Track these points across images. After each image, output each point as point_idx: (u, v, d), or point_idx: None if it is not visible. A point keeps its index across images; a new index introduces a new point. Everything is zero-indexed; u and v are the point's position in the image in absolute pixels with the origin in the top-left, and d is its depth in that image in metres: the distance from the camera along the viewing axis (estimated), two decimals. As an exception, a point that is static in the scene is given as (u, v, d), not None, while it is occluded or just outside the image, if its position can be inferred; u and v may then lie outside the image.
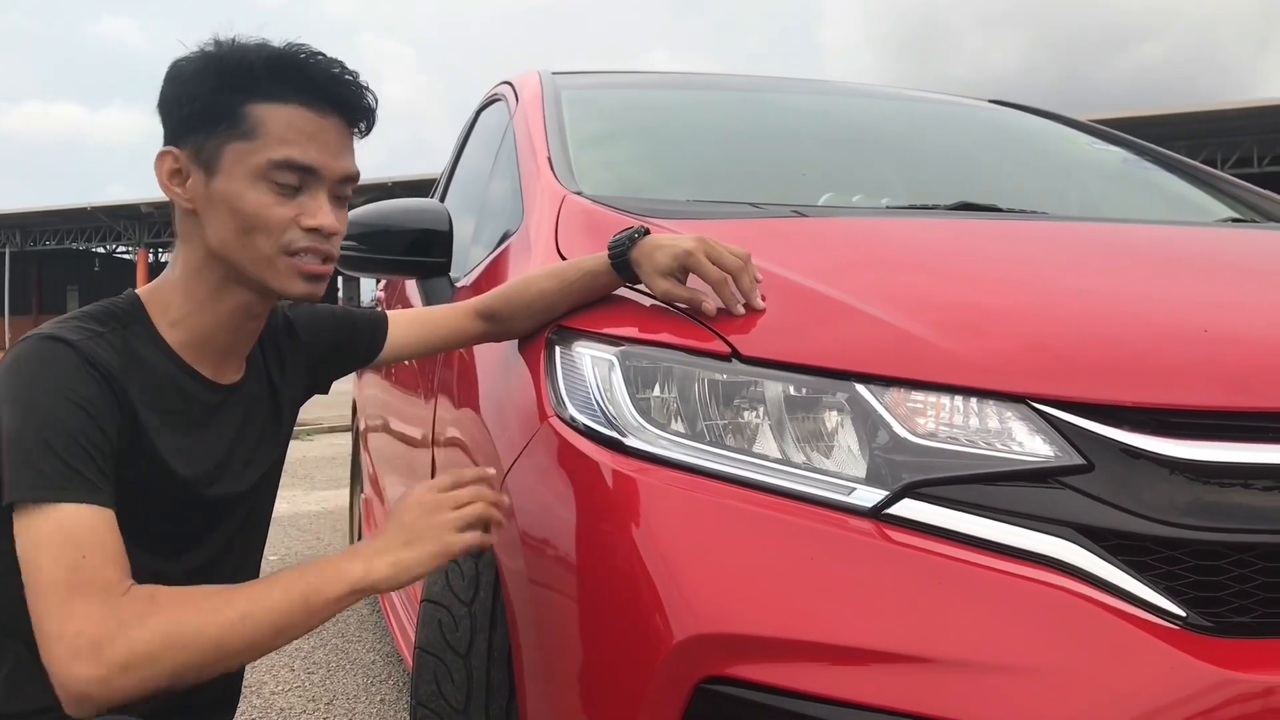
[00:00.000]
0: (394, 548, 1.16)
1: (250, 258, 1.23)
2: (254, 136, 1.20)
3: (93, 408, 1.13)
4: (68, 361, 1.13)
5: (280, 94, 1.21)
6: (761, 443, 1.19)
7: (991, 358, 1.16)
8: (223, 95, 1.20)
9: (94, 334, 1.18)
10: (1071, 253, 1.52)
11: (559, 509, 1.27)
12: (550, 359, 1.40)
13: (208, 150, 1.21)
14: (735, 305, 1.30)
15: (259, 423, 1.38)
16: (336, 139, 1.25)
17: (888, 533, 1.09)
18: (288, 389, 1.44)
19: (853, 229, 1.60)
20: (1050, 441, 1.10)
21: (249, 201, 1.21)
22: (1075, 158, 2.49)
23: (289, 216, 1.22)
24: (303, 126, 1.22)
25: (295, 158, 1.21)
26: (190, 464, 1.26)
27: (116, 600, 1.04)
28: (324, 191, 1.25)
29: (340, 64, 1.25)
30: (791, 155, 2.23)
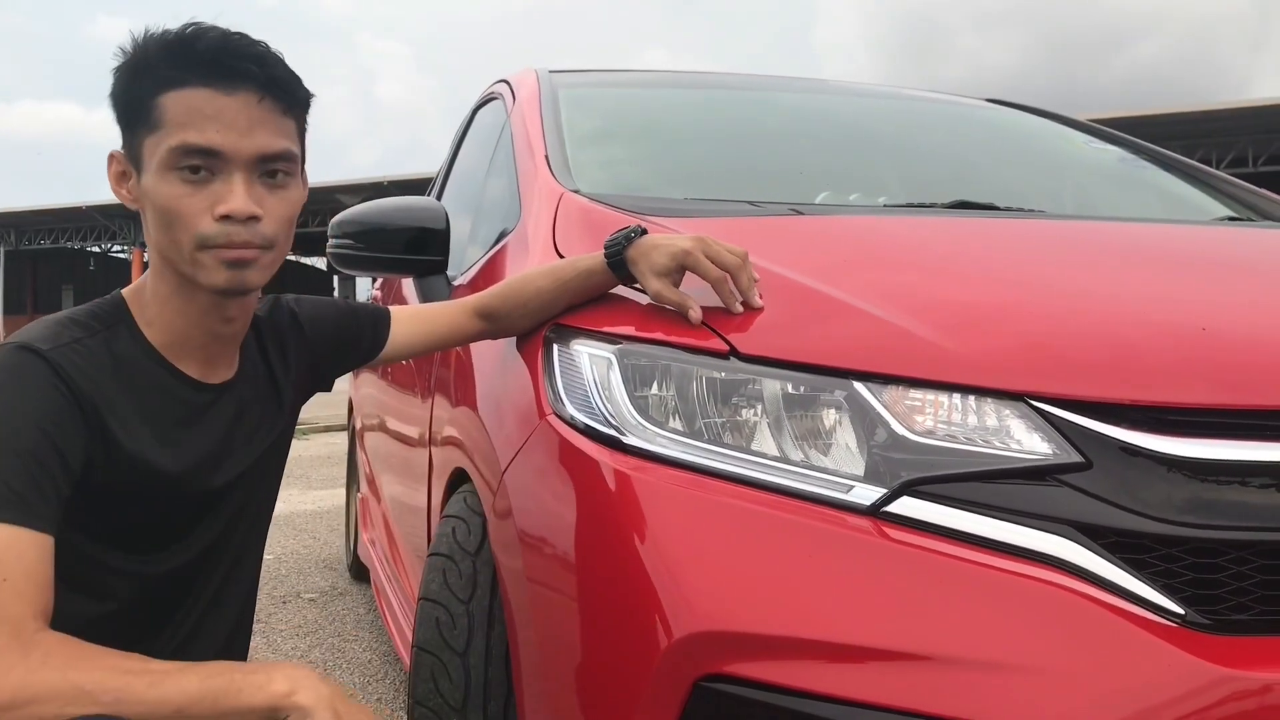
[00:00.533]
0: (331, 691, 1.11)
1: (176, 254, 1.20)
2: (159, 126, 1.17)
3: (53, 426, 1.11)
4: (35, 374, 1.12)
5: (179, 78, 1.17)
6: (760, 441, 1.19)
7: (990, 356, 1.16)
8: (134, 90, 1.18)
9: (72, 340, 1.17)
10: (1070, 251, 1.52)
11: (557, 507, 1.26)
12: (548, 357, 1.40)
13: (133, 148, 1.20)
14: (733, 304, 1.30)
15: (254, 420, 1.37)
16: (246, 116, 1.17)
17: (886, 530, 1.09)
18: (290, 385, 1.43)
19: (851, 227, 1.60)
20: (1049, 439, 1.10)
21: (161, 195, 1.18)
22: (1072, 157, 2.49)
23: (201, 207, 1.17)
24: (201, 107, 1.16)
25: (192, 141, 1.16)
26: (175, 460, 1.25)
27: (23, 633, 1.02)
28: (238, 174, 1.18)
29: (239, 34, 1.19)
30: (788, 154, 2.23)
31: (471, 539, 1.50)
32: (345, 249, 2.06)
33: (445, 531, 1.57)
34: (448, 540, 1.54)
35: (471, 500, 1.56)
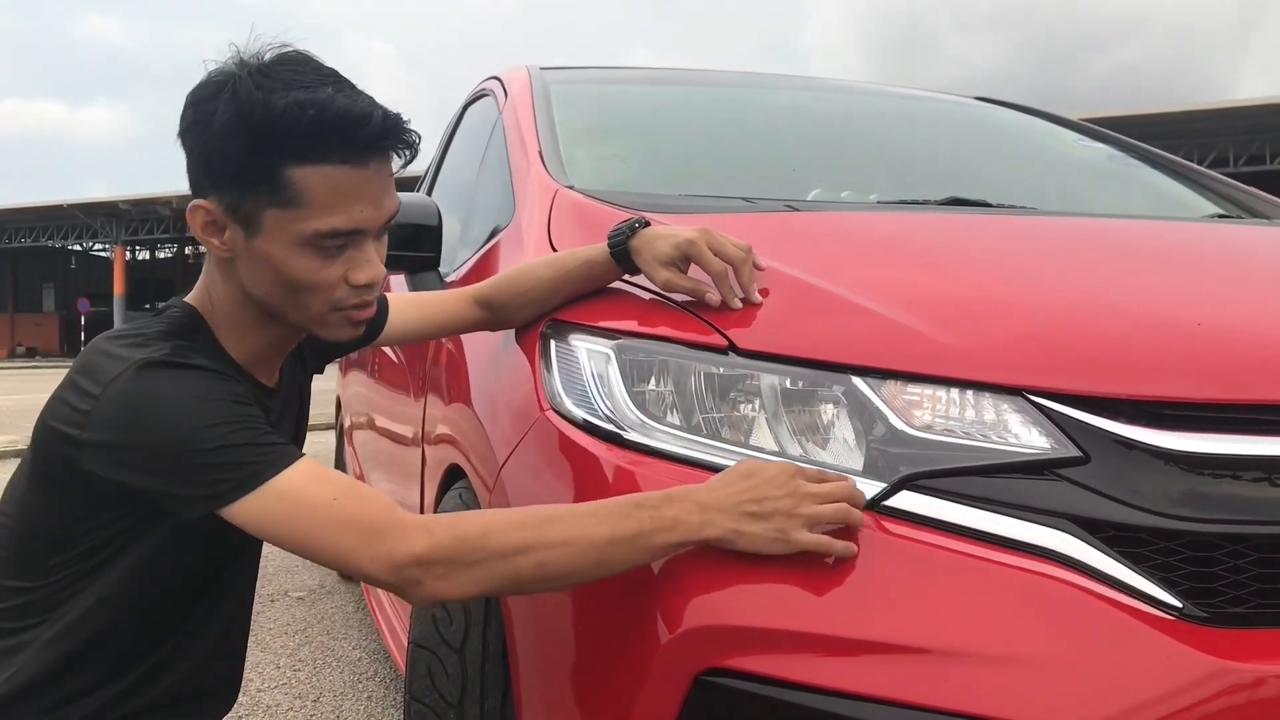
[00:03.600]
0: (741, 513, 1.08)
1: (297, 313, 1.21)
2: (296, 205, 1.13)
3: (237, 396, 1.14)
4: (185, 378, 1.12)
5: (320, 155, 1.12)
6: (758, 435, 1.19)
7: (988, 351, 1.17)
8: (257, 159, 1.12)
9: (183, 349, 1.16)
10: (1065, 247, 1.53)
11: (556, 502, 1.26)
12: (545, 352, 1.39)
13: (245, 210, 1.15)
14: (733, 298, 1.30)
15: (294, 418, 1.40)
16: (379, 185, 1.18)
17: (886, 524, 1.09)
18: (304, 377, 1.45)
19: (846, 223, 1.61)
20: (1046, 434, 1.11)
21: (295, 268, 1.17)
22: (1062, 154, 2.51)
23: (337, 276, 1.18)
24: (347, 189, 1.14)
25: (341, 227, 1.15)
26: None
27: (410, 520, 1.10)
28: (371, 242, 1.20)
29: (382, 111, 1.16)
30: (780, 151, 2.23)
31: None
32: (337, 245, 2.05)
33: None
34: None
35: (467, 497, 1.56)
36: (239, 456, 1.10)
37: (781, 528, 1.07)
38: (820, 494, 1.09)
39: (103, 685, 1.22)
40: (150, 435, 1.09)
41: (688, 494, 1.10)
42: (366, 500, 1.11)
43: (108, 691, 1.22)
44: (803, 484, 1.09)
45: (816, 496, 1.08)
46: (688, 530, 1.08)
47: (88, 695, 1.21)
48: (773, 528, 1.07)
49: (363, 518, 1.09)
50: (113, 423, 1.10)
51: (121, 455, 1.10)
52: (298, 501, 1.09)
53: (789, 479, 1.09)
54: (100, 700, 1.22)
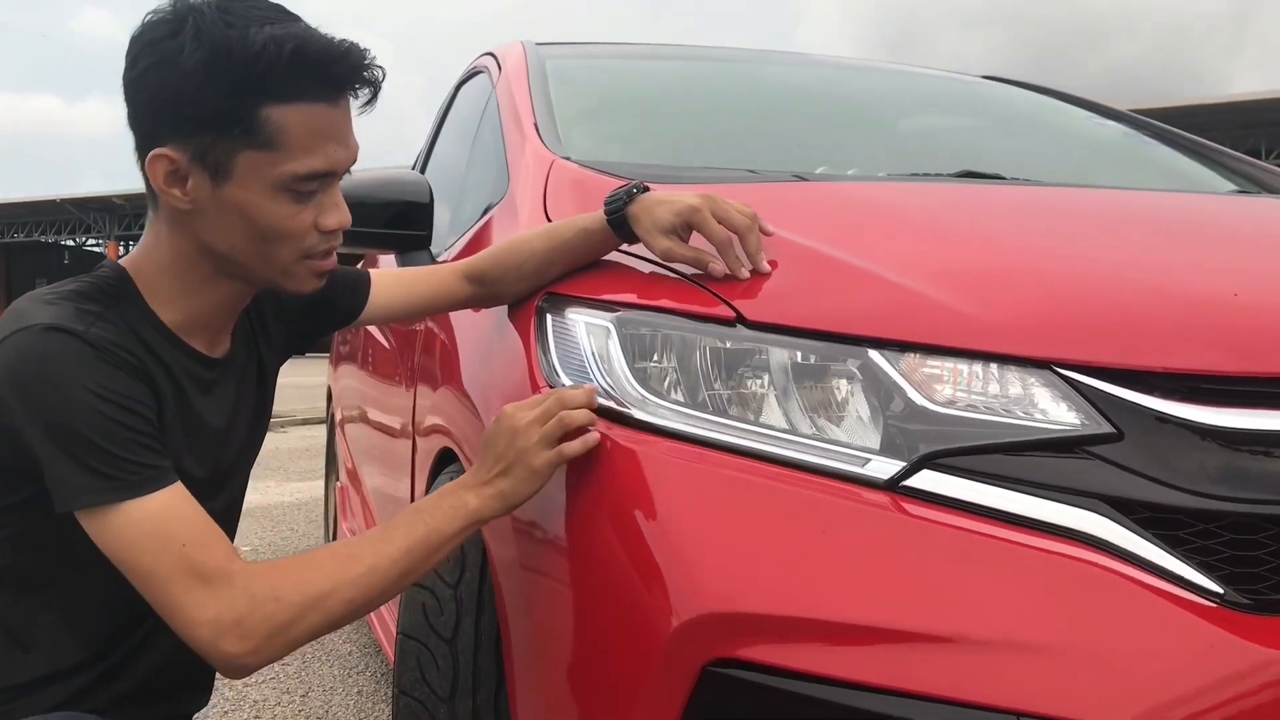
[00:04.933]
0: (493, 478, 1.16)
1: (266, 264, 1.15)
2: (274, 147, 1.08)
3: (127, 399, 1.06)
4: (83, 356, 1.05)
5: (297, 92, 1.08)
6: (769, 413, 1.12)
7: (1013, 321, 1.10)
8: (234, 99, 1.06)
9: (95, 316, 1.09)
10: (1089, 218, 1.45)
11: (552, 486, 1.19)
12: (541, 327, 1.32)
13: (216, 154, 1.08)
14: (740, 268, 1.23)
15: (249, 391, 1.32)
16: (348, 124, 1.15)
17: (905, 505, 1.02)
18: (271, 354, 1.37)
19: (858, 193, 1.53)
20: (1076, 409, 1.04)
21: (269, 213, 1.11)
22: (1075, 132, 2.43)
23: (309, 222, 1.14)
24: (323, 128, 1.10)
25: (319, 168, 1.11)
26: (190, 444, 1.20)
27: (238, 578, 1.05)
28: (336, 184, 1.16)
29: (356, 46, 1.12)
30: (783, 128, 2.15)
31: (452, 566, 1.42)
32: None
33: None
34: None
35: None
36: (103, 464, 1.03)
37: (525, 466, 1.15)
38: (537, 416, 1.15)
39: (65, 677, 1.15)
40: (29, 402, 1.03)
41: (455, 485, 1.18)
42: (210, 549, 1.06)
43: (71, 684, 1.15)
44: (518, 420, 1.16)
45: (536, 420, 1.15)
46: (465, 513, 1.15)
47: (49, 686, 1.14)
48: (520, 470, 1.15)
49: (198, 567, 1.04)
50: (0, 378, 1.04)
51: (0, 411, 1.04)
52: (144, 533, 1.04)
53: (507, 423, 1.17)
54: (65, 692, 1.14)
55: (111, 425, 1.04)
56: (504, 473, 1.16)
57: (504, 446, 1.16)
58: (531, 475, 1.15)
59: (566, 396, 1.16)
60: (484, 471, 1.17)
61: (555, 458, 1.15)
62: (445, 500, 1.16)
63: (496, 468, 1.17)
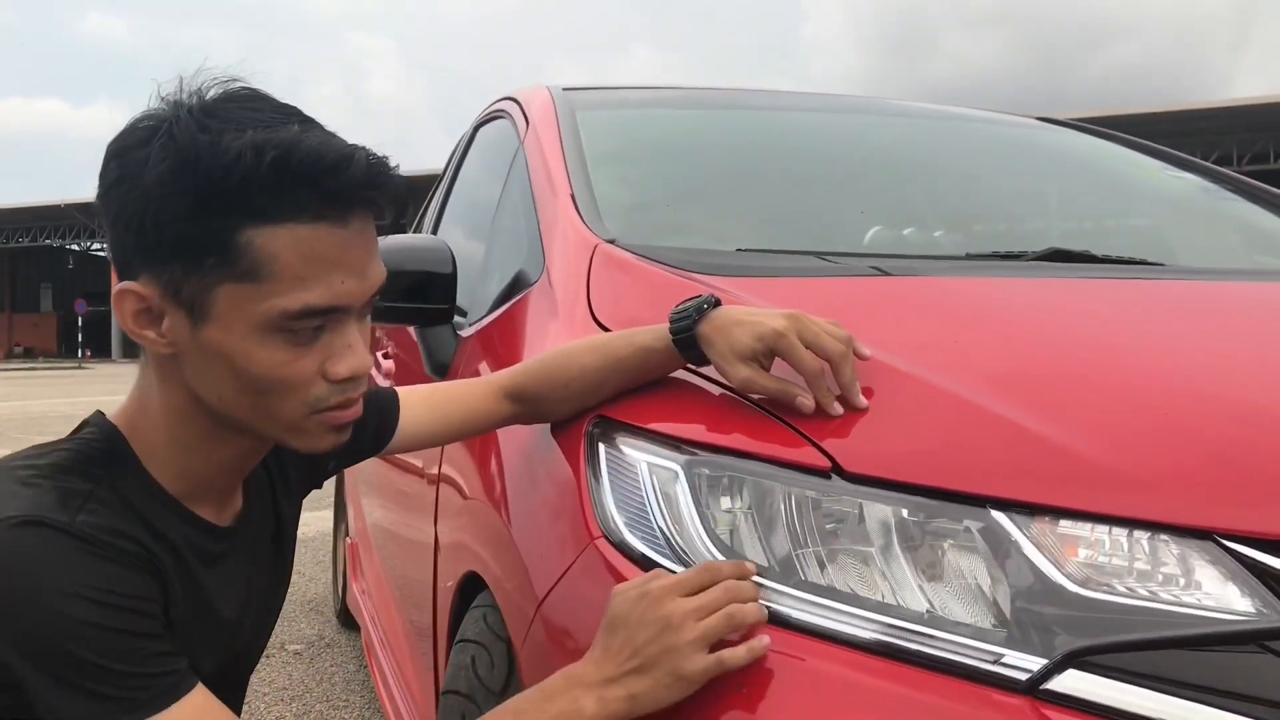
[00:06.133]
0: (623, 676, 0.91)
1: (267, 421, 0.94)
2: (257, 279, 0.88)
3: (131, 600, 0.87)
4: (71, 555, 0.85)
5: (286, 211, 0.87)
6: (870, 584, 0.94)
7: (1166, 478, 0.92)
8: (204, 220, 0.87)
9: (84, 498, 0.89)
10: (1237, 331, 1.25)
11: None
12: (593, 459, 1.14)
13: (190, 288, 0.89)
14: (833, 404, 1.05)
15: (267, 561, 1.13)
16: (362, 248, 0.92)
17: (1049, 715, 0.84)
18: (291, 504, 1.17)
19: (953, 294, 1.34)
20: (1250, 593, 0.86)
21: (259, 361, 0.90)
22: (1152, 189, 2.24)
23: (312, 369, 0.92)
24: (322, 254, 0.89)
25: (317, 304, 0.89)
26: (200, 634, 1.00)
27: None
28: (353, 323, 0.94)
29: (365, 152, 0.91)
30: (845, 191, 1.97)
31: (495, 674, 1.24)
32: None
33: (462, 663, 1.30)
34: (466, 676, 1.27)
35: (493, 620, 1.29)
36: (107, 685, 0.84)
37: (671, 670, 0.91)
38: (698, 608, 0.91)
39: None
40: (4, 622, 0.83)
41: (567, 680, 0.94)
42: None
43: None
44: (672, 609, 0.92)
45: (695, 612, 0.91)
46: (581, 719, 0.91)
47: None
48: (663, 673, 0.91)
49: None
50: None
51: None
52: None
53: (655, 610, 0.92)
54: None
55: (113, 637, 0.85)
56: (640, 670, 0.91)
57: (647, 638, 0.91)
58: (678, 683, 0.90)
59: (736, 587, 0.93)
60: (610, 664, 0.92)
61: (715, 666, 0.90)
62: (554, 702, 0.92)
63: (630, 663, 0.91)
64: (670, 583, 0.94)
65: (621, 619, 0.93)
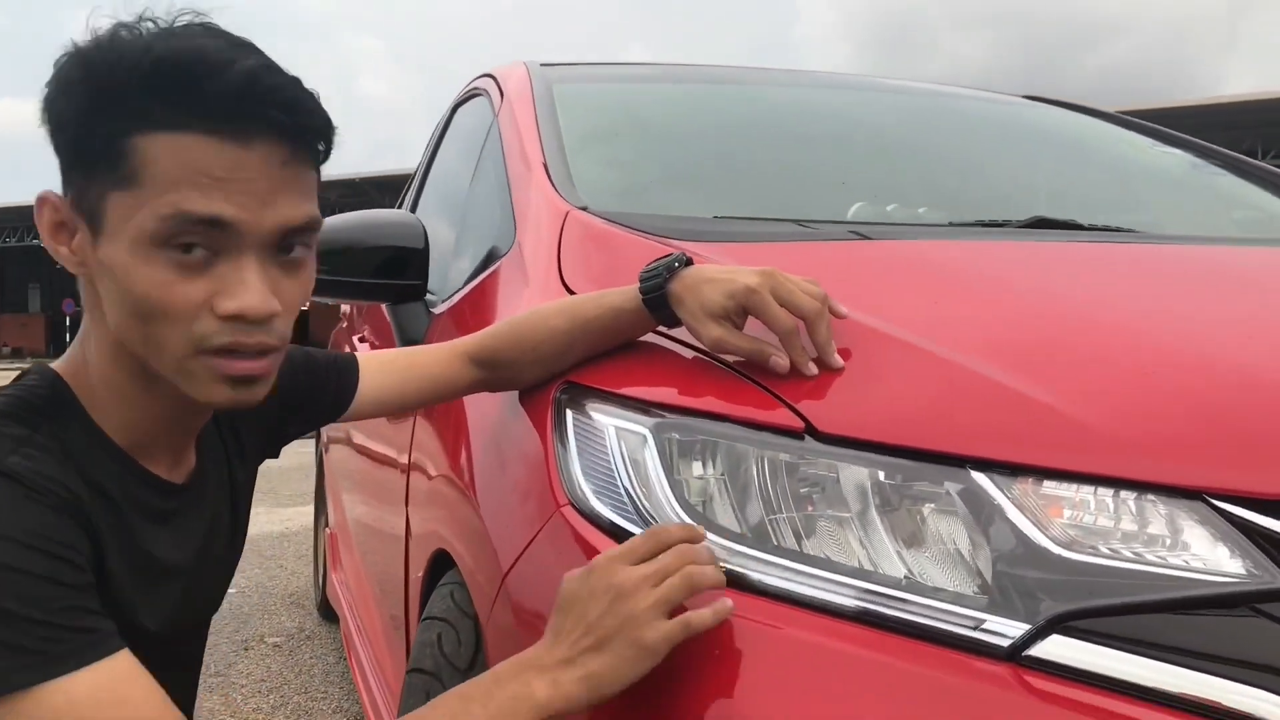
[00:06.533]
0: (580, 655, 0.85)
1: (154, 355, 0.87)
2: (137, 183, 0.82)
3: (57, 546, 0.82)
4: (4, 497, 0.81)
5: (170, 116, 0.82)
6: (846, 551, 0.90)
7: (1155, 438, 0.88)
8: (97, 121, 0.83)
9: (17, 441, 0.85)
10: (1223, 291, 1.22)
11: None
12: (560, 425, 1.09)
13: (89, 200, 0.85)
14: (807, 364, 1.01)
15: (223, 523, 1.08)
16: (267, 175, 0.85)
17: (1032, 682, 0.80)
18: (245, 468, 1.13)
19: (934, 256, 1.30)
20: (1240, 554, 0.82)
21: (141, 280, 0.83)
22: (1140, 163, 2.20)
23: (197, 299, 0.84)
24: (208, 166, 0.82)
25: (193, 209, 0.82)
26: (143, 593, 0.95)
27: None
28: (250, 257, 0.85)
29: (266, 63, 0.85)
30: (825, 162, 1.92)
31: (463, 652, 1.19)
32: (308, 272, 1.77)
33: (428, 640, 1.25)
34: (432, 653, 1.23)
35: (460, 597, 1.25)
36: (23, 636, 0.79)
37: (630, 641, 0.85)
38: (651, 574, 0.86)
39: None
40: None
41: (519, 665, 0.87)
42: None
43: None
44: (623, 578, 0.86)
45: (649, 579, 0.86)
46: (534, 706, 0.84)
47: None
48: (622, 647, 0.85)
49: None
50: None
51: None
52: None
53: (604, 581, 0.87)
54: None
55: (35, 584, 0.80)
56: (596, 648, 0.85)
57: (600, 611, 0.86)
58: (640, 654, 0.84)
59: (690, 550, 0.88)
60: (563, 645, 0.86)
61: (680, 631, 0.85)
62: (503, 687, 0.85)
63: (585, 640, 0.85)
64: (617, 552, 0.89)
65: (571, 598, 0.89)
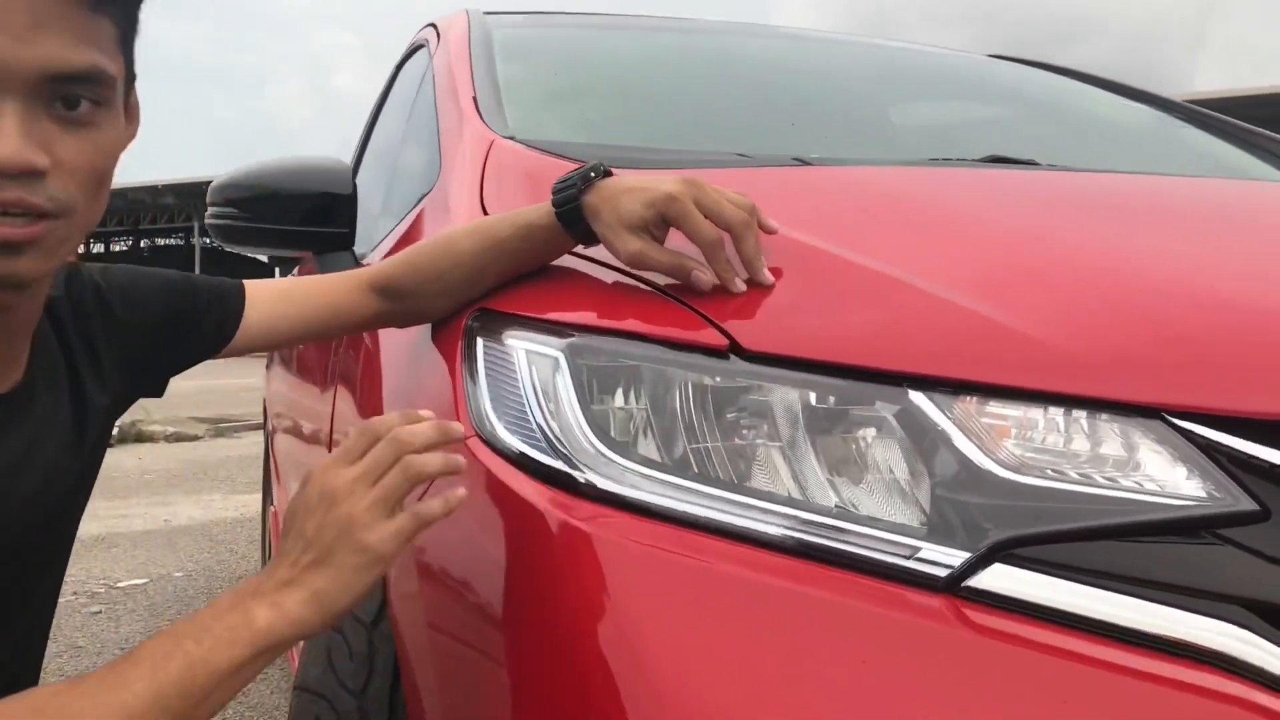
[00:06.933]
0: (302, 573, 0.79)
1: None
2: None
3: None
4: None
5: None
6: (774, 478, 0.82)
7: (1109, 354, 0.80)
8: None
9: None
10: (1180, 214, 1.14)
11: (483, 573, 0.88)
12: (470, 354, 1.01)
13: None
14: (734, 279, 0.92)
15: (61, 441, 0.97)
16: (30, 9, 0.74)
17: (970, 615, 0.72)
18: (102, 389, 1.02)
19: (879, 181, 1.22)
20: (1202, 476, 0.74)
21: None
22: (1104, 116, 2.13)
23: None
24: None
25: None
26: None
27: None
28: (9, 102, 0.75)
29: None
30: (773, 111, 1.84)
31: (369, 604, 1.10)
32: (225, 220, 1.68)
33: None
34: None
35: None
36: None
37: (354, 548, 0.79)
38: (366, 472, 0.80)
39: None
40: None
41: (238, 594, 0.80)
42: None
43: None
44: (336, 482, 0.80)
45: (365, 478, 0.80)
46: (252, 636, 0.77)
47: None
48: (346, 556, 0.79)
49: None
50: None
51: None
52: None
53: (319, 490, 0.81)
54: None
55: None
56: (319, 562, 0.79)
57: (318, 524, 0.80)
58: (366, 562, 0.79)
59: (404, 434, 0.82)
60: (284, 566, 0.80)
61: (409, 526, 0.80)
62: (220, 619, 0.77)
63: (306, 557, 0.80)
64: (331, 459, 0.83)
65: (290, 515, 0.82)
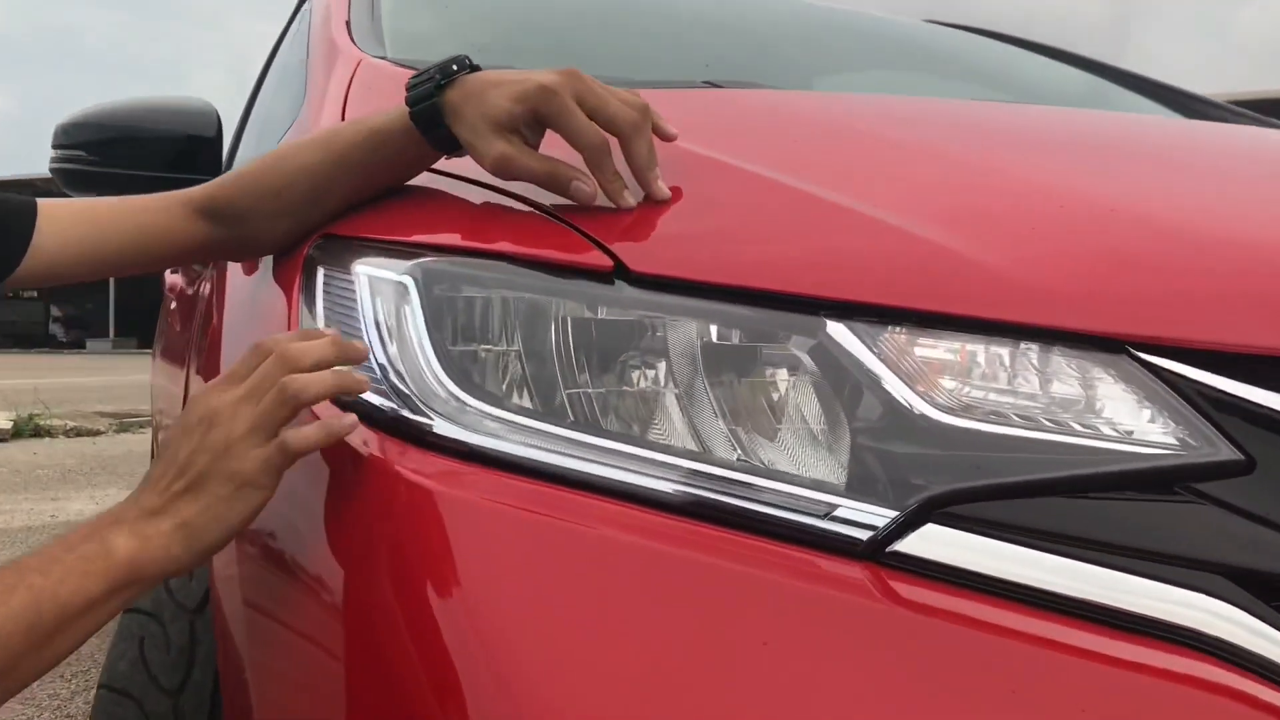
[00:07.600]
0: (169, 501, 0.70)
1: None
2: None
3: None
4: None
5: None
6: (666, 426, 0.68)
7: (1060, 277, 0.67)
8: None
9: None
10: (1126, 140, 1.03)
11: (310, 545, 0.73)
12: (309, 286, 0.85)
13: None
14: (622, 190, 0.78)
15: None
16: None
17: (896, 588, 0.59)
18: None
19: (799, 102, 1.09)
20: (1173, 419, 0.62)
21: None
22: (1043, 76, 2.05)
23: None
24: None
25: None
26: None
27: None
28: None
29: None
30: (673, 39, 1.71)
31: (193, 585, 0.94)
32: (75, 164, 1.50)
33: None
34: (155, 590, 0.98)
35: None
36: None
37: (227, 477, 0.70)
38: (246, 394, 0.71)
39: None
40: None
41: (98, 522, 0.70)
42: None
43: None
44: (216, 404, 0.72)
45: (246, 400, 0.71)
46: (111, 566, 0.68)
47: None
48: (218, 485, 0.70)
49: None
50: None
51: None
52: None
53: (199, 413, 0.72)
54: None
55: None
56: (190, 490, 0.70)
57: (191, 448, 0.70)
58: (239, 492, 0.70)
59: (291, 351, 0.72)
60: (153, 494, 0.70)
61: (279, 457, 0.70)
62: (73, 550, 0.68)
63: (177, 484, 0.70)
64: (216, 379, 0.73)
65: (165, 441, 0.69)
